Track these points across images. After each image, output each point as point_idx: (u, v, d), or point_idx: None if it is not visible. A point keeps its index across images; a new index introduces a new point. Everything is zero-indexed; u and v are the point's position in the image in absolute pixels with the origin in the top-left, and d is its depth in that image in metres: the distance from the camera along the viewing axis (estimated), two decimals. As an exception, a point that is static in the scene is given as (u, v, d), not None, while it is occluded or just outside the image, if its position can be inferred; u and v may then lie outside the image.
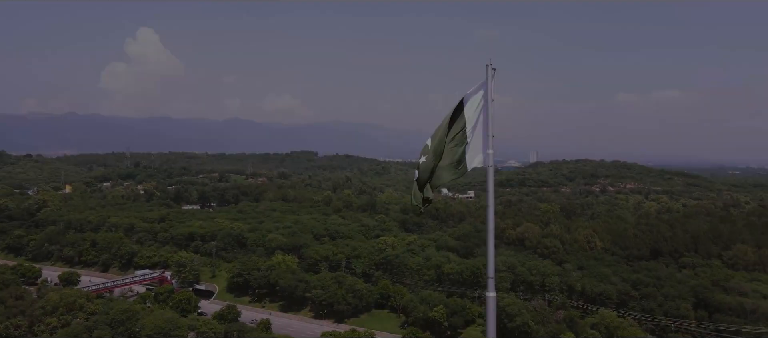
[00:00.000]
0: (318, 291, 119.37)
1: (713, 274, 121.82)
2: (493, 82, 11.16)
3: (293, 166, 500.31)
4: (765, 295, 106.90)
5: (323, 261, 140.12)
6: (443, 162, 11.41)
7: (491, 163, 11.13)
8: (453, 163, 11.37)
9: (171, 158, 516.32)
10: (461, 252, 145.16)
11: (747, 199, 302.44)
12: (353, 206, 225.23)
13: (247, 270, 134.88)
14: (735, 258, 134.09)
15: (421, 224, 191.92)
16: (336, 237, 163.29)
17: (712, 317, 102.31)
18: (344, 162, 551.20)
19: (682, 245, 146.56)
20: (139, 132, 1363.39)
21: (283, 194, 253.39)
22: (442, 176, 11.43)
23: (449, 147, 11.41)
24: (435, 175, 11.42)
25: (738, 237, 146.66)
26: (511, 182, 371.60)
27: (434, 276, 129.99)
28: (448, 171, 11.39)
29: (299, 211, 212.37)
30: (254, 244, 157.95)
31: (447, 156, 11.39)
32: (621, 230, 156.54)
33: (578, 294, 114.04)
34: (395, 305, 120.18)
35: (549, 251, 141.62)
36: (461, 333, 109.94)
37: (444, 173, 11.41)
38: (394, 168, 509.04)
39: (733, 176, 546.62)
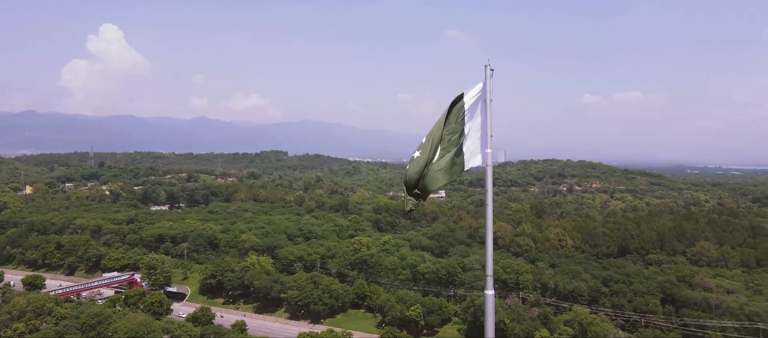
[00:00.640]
0: (294, 292, 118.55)
1: (679, 270, 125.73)
2: (491, 82, 11.19)
3: (263, 166, 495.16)
4: (728, 290, 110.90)
5: (298, 262, 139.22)
6: (439, 165, 11.37)
7: (490, 162, 11.24)
8: (447, 167, 11.32)
9: (137, 157, 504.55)
10: (435, 252, 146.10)
11: (706, 197, 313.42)
12: (326, 206, 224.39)
13: (221, 271, 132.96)
14: (699, 254, 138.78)
15: (394, 223, 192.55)
16: (310, 238, 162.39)
17: (679, 312, 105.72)
18: (314, 162, 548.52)
19: (649, 242, 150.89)
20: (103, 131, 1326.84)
21: (254, 194, 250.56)
22: (439, 178, 11.36)
23: (443, 147, 11.39)
24: (430, 177, 11.33)
25: (701, 235, 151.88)
26: (481, 182, 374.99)
27: (409, 275, 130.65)
28: (445, 174, 11.33)
29: (271, 211, 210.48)
30: (227, 245, 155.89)
31: (442, 159, 11.34)
32: (590, 229, 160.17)
33: (551, 292, 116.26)
34: (371, 305, 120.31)
35: (522, 250, 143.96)
36: (438, 332, 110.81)
37: (440, 175, 11.34)
38: (365, 168, 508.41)
39: (692, 176, 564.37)
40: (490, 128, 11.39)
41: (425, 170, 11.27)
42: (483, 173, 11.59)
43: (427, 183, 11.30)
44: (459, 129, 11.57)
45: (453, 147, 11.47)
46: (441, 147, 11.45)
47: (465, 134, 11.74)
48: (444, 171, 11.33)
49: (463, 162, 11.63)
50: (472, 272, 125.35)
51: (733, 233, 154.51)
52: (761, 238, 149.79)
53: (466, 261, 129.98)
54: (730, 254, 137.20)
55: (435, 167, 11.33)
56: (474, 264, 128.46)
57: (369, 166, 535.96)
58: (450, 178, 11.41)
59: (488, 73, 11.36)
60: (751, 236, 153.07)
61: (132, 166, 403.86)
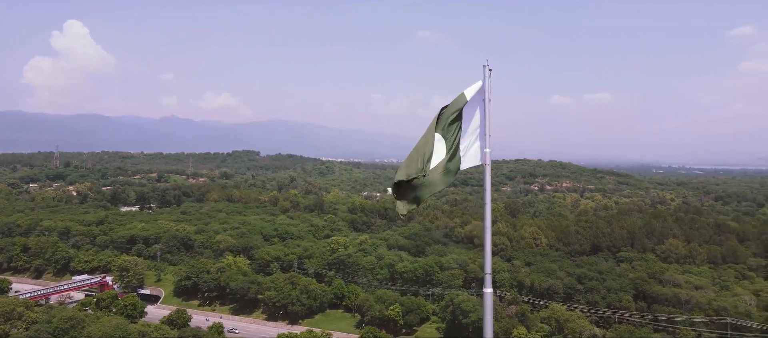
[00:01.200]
0: (272, 293, 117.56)
1: (649, 267, 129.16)
2: (489, 82, 11.15)
3: (235, 166, 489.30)
4: (697, 286, 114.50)
5: (275, 262, 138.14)
6: (434, 173, 10.95)
7: (488, 161, 11.32)
8: (442, 173, 11.02)
9: (104, 157, 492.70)
10: (412, 251, 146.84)
11: (672, 196, 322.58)
12: (300, 206, 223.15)
13: (196, 272, 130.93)
14: (668, 251, 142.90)
15: (370, 223, 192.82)
16: (286, 238, 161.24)
17: (651, 307, 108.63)
18: (287, 162, 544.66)
19: (620, 240, 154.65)
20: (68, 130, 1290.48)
21: (227, 194, 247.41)
22: (435, 183, 10.97)
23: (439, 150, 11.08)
24: (425, 184, 10.82)
25: (669, 232, 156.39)
26: (454, 182, 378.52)
27: (387, 274, 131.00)
28: (440, 180, 11.00)
29: (245, 211, 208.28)
30: (202, 246, 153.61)
31: (438, 166, 10.98)
32: (563, 227, 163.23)
33: (528, 289, 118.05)
34: (350, 305, 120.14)
35: (498, 249, 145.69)
36: (416, 331, 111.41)
37: (437, 180, 10.98)
38: (339, 168, 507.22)
39: (657, 175, 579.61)
40: (488, 127, 11.45)
41: (417, 180, 11.23)
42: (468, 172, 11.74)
43: (421, 192, 10.86)
44: (454, 132, 11.35)
45: (445, 152, 11.20)
46: (436, 151, 11.09)
47: (462, 135, 11.94)
48: (440, 176, 11.03)
49: (457, 165, 11.38)
50: (449, 271, 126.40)
51: (700, 231, 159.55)
52: (726, 235, 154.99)
53: (444, 261, 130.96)
54: (698, 251, 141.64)
55: (430, 175, 10.95)
56: (451, 264, 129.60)
57: (342, 166, 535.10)
58: (444, 184, 11.10)
59: (487, 73, 11.32)
60: (717, 234, 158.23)
61: (99, 166, 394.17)
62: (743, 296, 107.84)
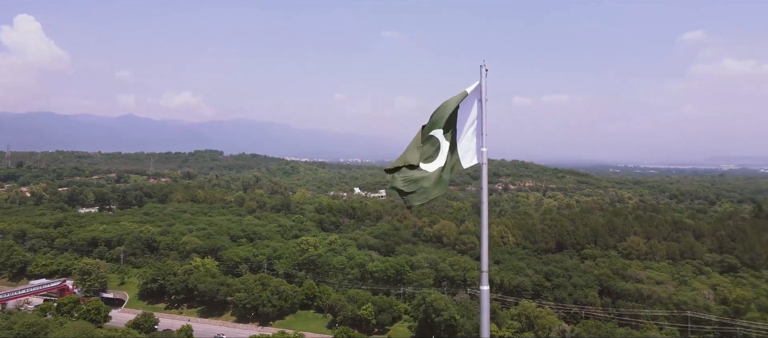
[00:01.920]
0: (241, 294, 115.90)
1: (612, 264, 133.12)
2: (485, 81, 11.33)
3: (197, 165, 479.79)
4: (658, 281, 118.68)
5: (243, 263, 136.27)
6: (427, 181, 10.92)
7: (485, 160, 11.55)
8: (437, 181, 11.03)
9: (59, 157, 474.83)
10: (382, 250, 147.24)
11: (630, 195, 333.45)
12: (267, 206, 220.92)
13: (163, 274, 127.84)
14: (629, 248, 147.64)
15: (338, 223, 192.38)
16: (254, 238, 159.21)
17: (615, 302, 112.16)
18: (251, 161, 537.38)
19: (583, 238, 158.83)
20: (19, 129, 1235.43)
21: (191, 194, 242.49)
22: (430, 192, 10.97)
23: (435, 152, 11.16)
24: (419, 191, 10.85)
25: (630, 230, 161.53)
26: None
27: (358, 274, 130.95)
28: (436, 188, 11.07)
29: (211, 212, 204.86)
30: (167, 247, 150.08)
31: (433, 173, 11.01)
32: (529, 226, 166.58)
33: (497, 287, 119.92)
34: (321, 305, 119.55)
35: (467, 247, 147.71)
36: (389, 330, 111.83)
37: (430, 188, 10.94)
38: (303, 168, 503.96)
39: (614, 174, 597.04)
40: (485, 126, 11.64)
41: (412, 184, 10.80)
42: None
43: (413, 198, 10.85)
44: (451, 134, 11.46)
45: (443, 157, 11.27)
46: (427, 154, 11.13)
47: (459, 136, 12.18)
48: (434, 185, 11.02)
49: (449, 175, 11.37)
50: (419, 270, 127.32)
51: (658, 228, 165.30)
52: (683, 232, 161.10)
53: (414, 260, 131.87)
54: (657, 247, 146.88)
55: (423, 181, 10.92)
56: (421, 263, 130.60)
57: (307, 166, 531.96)
58: (439, 193, 11.13)
59: (483, 73, 11.55)
60: (674, 231, 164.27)
61: (54, 166, 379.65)
62: (702, 290, 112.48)
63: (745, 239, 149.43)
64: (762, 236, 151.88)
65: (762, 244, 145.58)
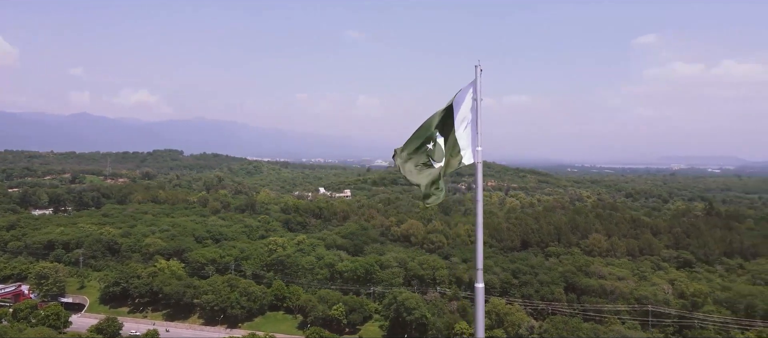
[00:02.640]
0: (209, 296, 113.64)
1: (575, 261, 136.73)
2: (480, 81, 11.84)
3: (157, 166, 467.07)
4: (620, 277, 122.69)
5: (210, 265, 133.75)
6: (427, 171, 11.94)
7: (480, 159, 12.03)
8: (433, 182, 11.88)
9: (8, 156, 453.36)
10: (350, 250, 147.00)
11: (588, 194, 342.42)
12: (231, 206, 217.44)
13: (126, 277, 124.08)
14: (591, 245, 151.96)
15: (304, 223, 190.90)
16: (220, 239, 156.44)
17: (580, 298, 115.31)
18: (212, 161, 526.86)
19: (547, 236, 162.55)
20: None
21: (152, 195, 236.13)
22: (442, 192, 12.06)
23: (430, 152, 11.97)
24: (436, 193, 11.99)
25: (592, 228, 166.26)
26: (383, 181, 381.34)
27: (327, 274, 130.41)
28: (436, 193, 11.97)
29: (173, 213, 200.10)
30: (129, 250, 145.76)
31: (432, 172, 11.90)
32: (495, 225, 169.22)
33: (466, 285, 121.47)
34: (291, 306, 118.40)
35: (435, 246, 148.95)
36: (360, 330, 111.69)
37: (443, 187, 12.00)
38: (266, 168, 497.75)
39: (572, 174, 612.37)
40: (480, 125, 12.01)
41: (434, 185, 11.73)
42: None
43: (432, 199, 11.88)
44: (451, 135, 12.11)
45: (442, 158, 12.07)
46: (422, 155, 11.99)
47: (456, 135, 12.36)
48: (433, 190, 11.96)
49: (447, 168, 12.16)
50: (389, 270, 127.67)
51: (618, 226, 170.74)
52: (641, 229, 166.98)
53: (383, 259, 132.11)
54: (618, 244, 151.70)
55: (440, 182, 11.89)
56: (391, 262, 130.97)
57: (270, 166, 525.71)
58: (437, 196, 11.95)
59: (478, 73, 11.89)
60: (633, 228, 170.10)
61: (2, 166, 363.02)
62: (661, 285, 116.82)
63: (699, 236, 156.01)
64: (714, 233, 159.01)
65: (715, 240, 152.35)
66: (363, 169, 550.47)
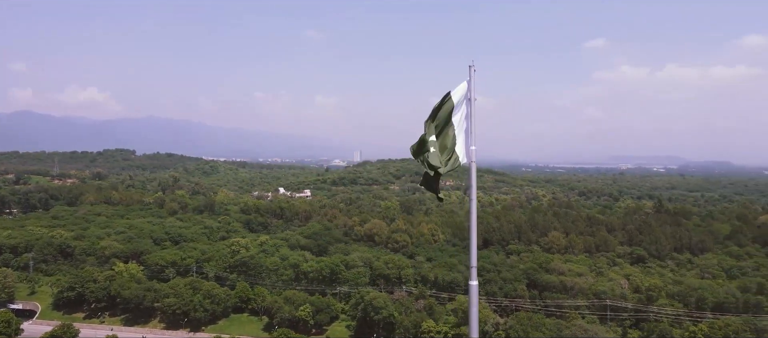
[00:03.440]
0: (171, 299, 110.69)
1: (535, 258, 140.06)
2: (474, 80, 11.91)
3: (108, 166, 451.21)
4: (579, 273, 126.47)
5: (170, 267, 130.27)
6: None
7: (474, 159, 11.99)
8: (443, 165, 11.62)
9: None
10: (314, 250, 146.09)
11: (543, 193, 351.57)
12: (189, 207, 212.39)
13: (81, 282, 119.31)
14: (550, 243, 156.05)
15: (266, 224, 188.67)
16: (179, 241, 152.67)
17: (542, 295, 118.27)
18: (167, 161, 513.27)
19: (508, 234, 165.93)
20: None
21: (105, 196, 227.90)
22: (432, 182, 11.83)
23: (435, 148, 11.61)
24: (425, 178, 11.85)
25: (550, 226, 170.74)
26: (343, 181, 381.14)
27: (292, 275, 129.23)
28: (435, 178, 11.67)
29: (129, 214, 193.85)
30: (83, 253, 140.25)
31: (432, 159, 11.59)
32: (457, 223, 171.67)
33: (431, 284, 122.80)
34: (256, 307, 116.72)
35: (399, 246, 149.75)
36: (327, 331, 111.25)
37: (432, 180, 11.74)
38: (223, 168, 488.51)
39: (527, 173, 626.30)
40: (474, 125, 12.08)
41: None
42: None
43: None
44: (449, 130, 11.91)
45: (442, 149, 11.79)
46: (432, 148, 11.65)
47: (454, 134, 12.91)
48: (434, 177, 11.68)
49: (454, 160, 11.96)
50: (355, 269, 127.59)
51: (575, 224, 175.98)
52: (597, 227, 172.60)
53: (349, 259, 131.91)
54: (575, 241, 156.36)
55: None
56: (356, 262, 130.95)
57: (227, 165, 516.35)
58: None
59: (472, 73, 11.99)
60: (588, 226, 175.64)
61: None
62: (618, 280, 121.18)
63: (651, 233, 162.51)
64: (665, 230, 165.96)
65: (665, 236, 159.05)
66: (321, 169, 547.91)
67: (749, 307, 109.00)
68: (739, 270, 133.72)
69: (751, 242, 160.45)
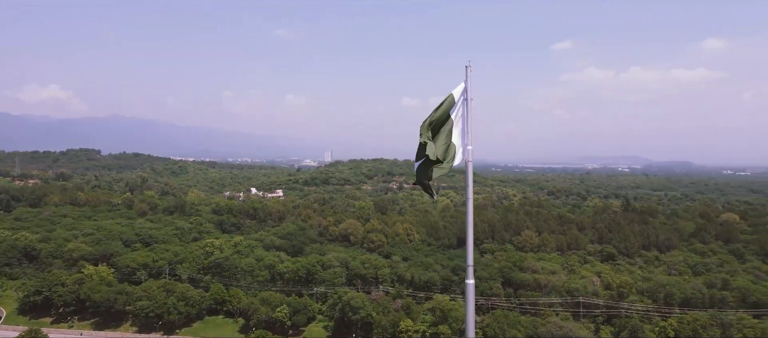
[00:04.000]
0: (144, 302, 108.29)
1: (510, 257, 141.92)
2: (471, 81, 12.24)
3: (72, 166, 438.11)
4: (552, 271, 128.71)
5: (142, 269, 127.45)
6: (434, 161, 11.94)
7: (471, 158, 12.33)
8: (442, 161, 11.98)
9: None
10: (289, 251, 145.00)
11: (514, 192, 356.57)
12: (159, 208, 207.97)
13: (49, 286, 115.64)
14: (523, 242, 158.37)
15: (239, 224, 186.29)
16: (150, 243, 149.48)
17: (517, 293, 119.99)
18: (133, 161, 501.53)
19: (482, 233, 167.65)
20: None
21: (71, 197, 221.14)
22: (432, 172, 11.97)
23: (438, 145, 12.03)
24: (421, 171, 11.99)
25: (523, 224, 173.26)
26: (315, 181, 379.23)
27: (268, 276, 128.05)
28: (437, 169, 11.92)
29: (96, 216, 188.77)
30: (50, 256, 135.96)
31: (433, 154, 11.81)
32: (432, 223, 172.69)
33: (408, 283, 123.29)
34: (231, 309, 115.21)
35: (375, 246, 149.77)
36: (304, 331, 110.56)
37: (434, 170, 11.97)
38: (193, 168, 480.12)
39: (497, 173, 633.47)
40: (470, 125, 12.39)
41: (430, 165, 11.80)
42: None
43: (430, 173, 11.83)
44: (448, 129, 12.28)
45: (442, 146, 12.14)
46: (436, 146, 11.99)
47: (452, 133, 12.89)
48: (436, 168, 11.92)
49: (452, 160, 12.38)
50: (331, 269, 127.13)
51: (547, 223, 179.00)
52: (568, 225, 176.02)
53: (325, 259, 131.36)
54: (548, 240, 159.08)
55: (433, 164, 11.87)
56: (333, 262, 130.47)
57: (196, 166, 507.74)
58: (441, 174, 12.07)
59: (469, 73, 12.31)
60: (560, 225, 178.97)
61: None
62: (590, 278, 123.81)
63: (620, 231, 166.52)
64: (633, 228, 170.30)
65: (634, 234, 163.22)
66: (292, 169, 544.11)
67: (715, 302, 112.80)
68: (704, 266, 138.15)
69: (714, 239, 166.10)
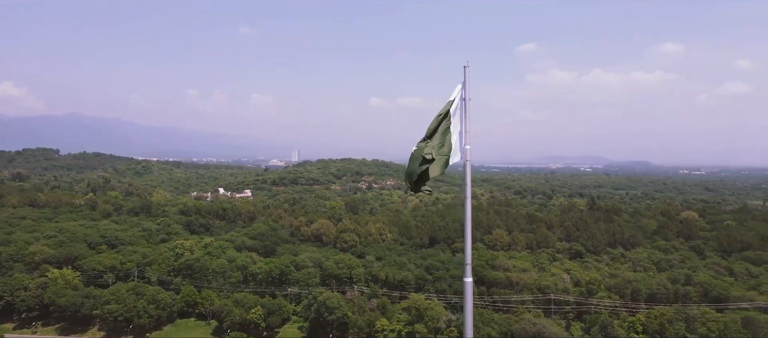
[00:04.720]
0: (113, 306, 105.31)
1: (481, 256, 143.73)
2: (468, 81, 12.29)
3: (28, 166, 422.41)
4: (523, 269, 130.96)
5: (109, 272, 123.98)
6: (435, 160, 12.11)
7: (469, 157, 12.45)
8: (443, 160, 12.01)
9: None
10: (261, 252, 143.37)
11: (482, 191, 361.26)
12: (124, 209, 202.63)
13: (10, 290, 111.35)
14: (494, 240, 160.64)
15: (208, 225, 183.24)
16: (116, 245, 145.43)
17: (490, 291, 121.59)
18: (94, 161, 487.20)
19: (453, 232, 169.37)
20: None
21: (29, 197, 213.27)
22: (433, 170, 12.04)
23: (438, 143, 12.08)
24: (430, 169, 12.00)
25: (493, 223, 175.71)
26: (284, 181, 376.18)
27: (240, 277, 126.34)
28: (438, 167, 11.99)
29: (57, 217, 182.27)
30: (10, 259, 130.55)
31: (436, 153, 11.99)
32: (404, 222, 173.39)
33: (382, 283, 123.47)
34: (203, 311, 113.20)
35: (348, 246, 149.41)
36: (278, 332, 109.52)
37: (435, 168, 12.05)
38: (157, 168, 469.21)
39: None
40: (468, 124, 12.50)
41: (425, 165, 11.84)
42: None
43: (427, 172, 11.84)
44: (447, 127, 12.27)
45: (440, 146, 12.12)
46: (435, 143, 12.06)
47: (451, 133, 13.54)
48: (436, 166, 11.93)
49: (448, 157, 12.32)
50: (305, 270, 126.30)
51: (516, 221, 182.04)
52: (537, 224, 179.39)
53: (298, 260, 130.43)
54: (518, 238, 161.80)
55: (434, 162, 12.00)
56: (306, 262, 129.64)
57: (161, 166, 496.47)
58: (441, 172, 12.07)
59: (467, 73, 12.38)
60: (529, 223, 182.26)
61: None
62: (560, 275, 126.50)
63: (587, 229, 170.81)
64: (599, 226, 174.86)
65: (600, 232, 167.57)
66: (260, 169, 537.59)
67: (679, 297, 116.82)
68: (667, 262, 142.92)
69: (675, 236, 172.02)
